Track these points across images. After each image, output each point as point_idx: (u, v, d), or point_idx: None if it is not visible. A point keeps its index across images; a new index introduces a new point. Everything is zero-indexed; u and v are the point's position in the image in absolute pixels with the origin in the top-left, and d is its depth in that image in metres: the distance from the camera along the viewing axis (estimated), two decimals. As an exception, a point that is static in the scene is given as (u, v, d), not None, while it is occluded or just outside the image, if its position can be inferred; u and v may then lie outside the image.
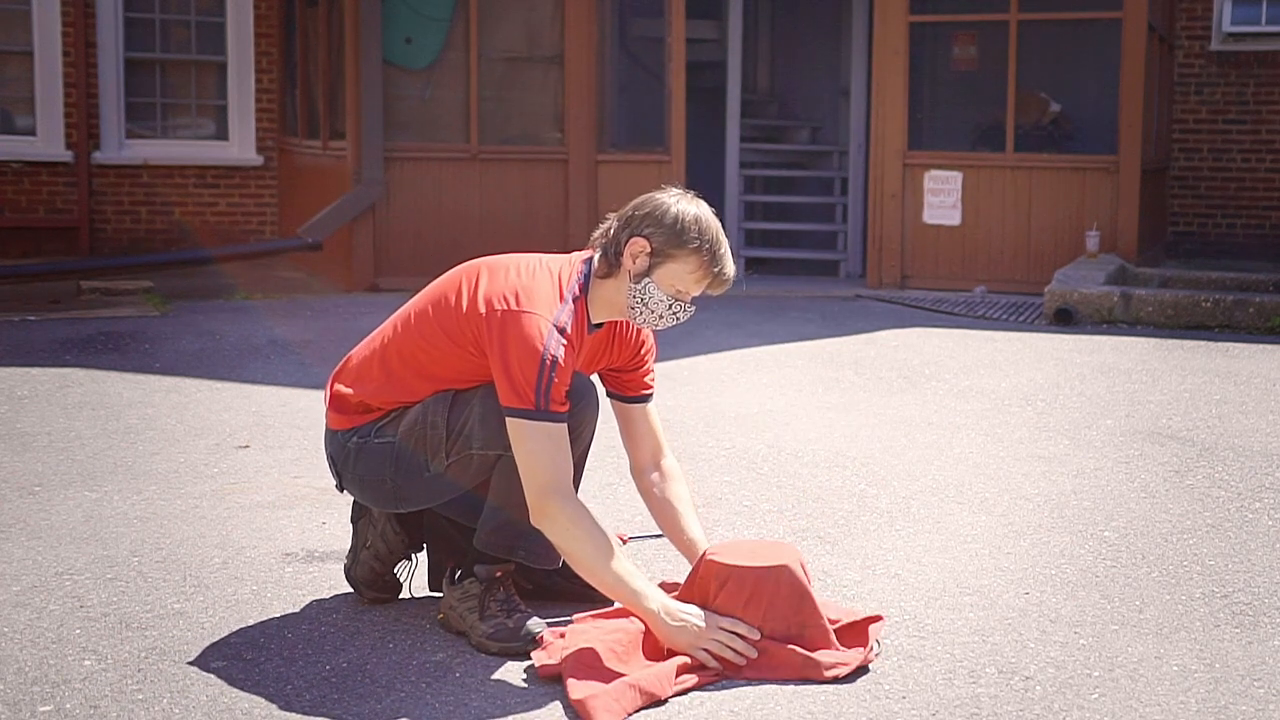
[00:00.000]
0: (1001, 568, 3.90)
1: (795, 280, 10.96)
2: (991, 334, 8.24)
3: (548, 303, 3.13)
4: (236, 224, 11.88)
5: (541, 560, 3.28)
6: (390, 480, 3.31)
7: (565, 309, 3.15)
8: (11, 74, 11.41)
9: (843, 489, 4.73)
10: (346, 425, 3.37)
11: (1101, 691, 3.04)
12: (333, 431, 3.41)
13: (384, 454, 3.30)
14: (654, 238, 3.17)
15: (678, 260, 3.17)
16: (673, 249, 3.17)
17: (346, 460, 3.37)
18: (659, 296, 3.20)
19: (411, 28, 10.15)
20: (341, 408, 3.39)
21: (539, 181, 10.27)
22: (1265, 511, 4.51)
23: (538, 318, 3.09)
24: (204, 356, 7.12)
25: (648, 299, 3.20)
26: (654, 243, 3.17)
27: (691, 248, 3.17)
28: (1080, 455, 5.24)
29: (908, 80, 10.40)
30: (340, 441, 3.38)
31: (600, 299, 3.25)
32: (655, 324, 3.28)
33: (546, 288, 3.16)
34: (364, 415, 3.35)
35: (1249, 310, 8.52)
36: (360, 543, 3.55)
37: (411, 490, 3.32)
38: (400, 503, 3.37)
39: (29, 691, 2.97)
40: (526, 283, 3.16)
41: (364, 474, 3.35)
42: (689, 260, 3.18)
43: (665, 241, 3.17)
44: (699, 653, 3.07)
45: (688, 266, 3.18)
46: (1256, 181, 11.95)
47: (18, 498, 4.50)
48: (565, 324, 3.12)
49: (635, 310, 3.24)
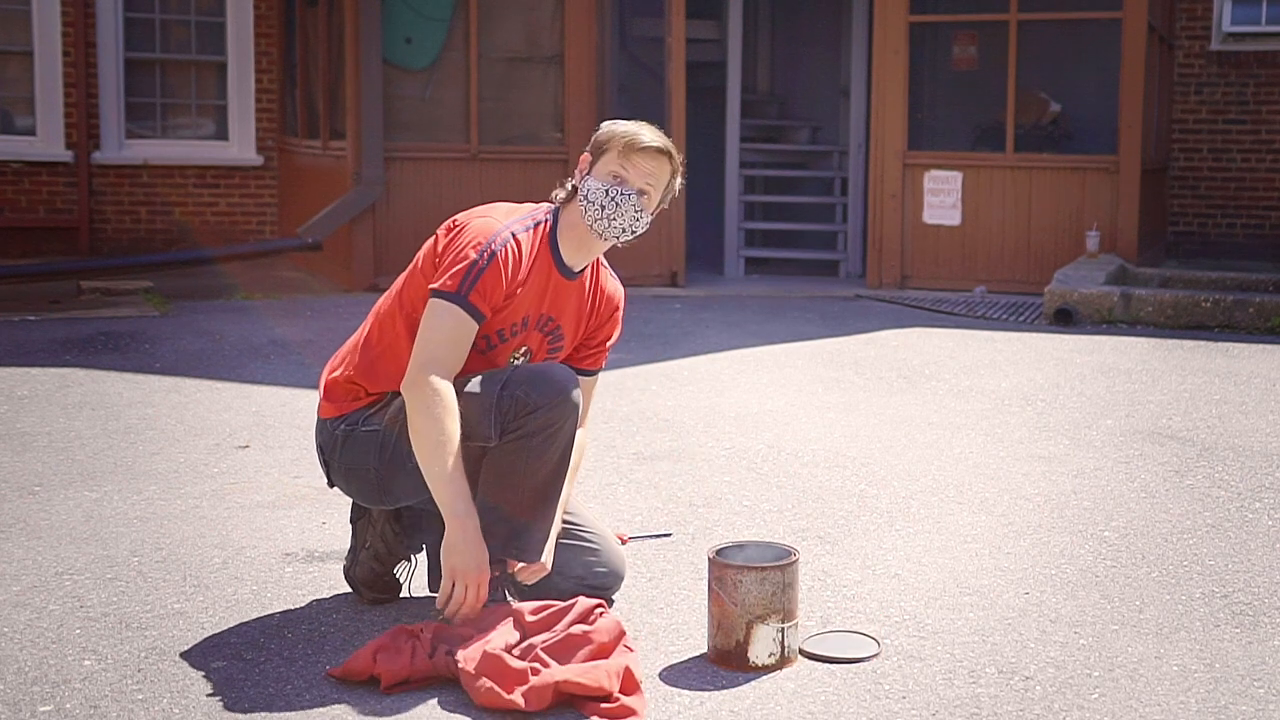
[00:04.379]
0: (1001, 568, 3.90)
1: (795, 280, 10.96)
2: (991, 334, 8.24)
3: (503, 215, 3.38)
4: (236, 224, 11.88)
5: (532, 555, 3.30)
6: (375, 470, 3.36)
7: (520, 222, 3.37)
8: (11, 74, 11.41)
9: (843, 489, 4.73)
10: (335, 413, 3.43)
11: (1101, 691, 3.04)
12: (322, 421, 3.47)
13: (370, 442, 3.35)
14: (591, 147, 3.45)
15: (606, 150, 3.40)
16: (601, 144, 3.42)
17: (334, 449, 3.42)
18: (596, 185, 3.36)
19: (411, 28, 10.15)
20: (332, 395, 3.45)
21: (539, 182, 10.24)
22: (1265, 511, 4.51)
23: (491, 220, 3.34)
24: (204, 356, 7.12)
25: (589, 192, 3.37)
26: (591, 150, 3.44)
27: (610, 133, 3.42)
28: (1080, 455, 5.24)
29: (908, 80, 10.41)
30: (329, 430, 3.44)
31: (566, 226, 3.42)
32: (600, 215, 3.36)
33: (507, 209, 3.43)
34: (354, 402, 3.41)
35: (1249, 310, 8.52)
36: (359, 543, 3.56)
37: (396, 483, 3.35)
38: (384, 495, 3.40)
39: (29, 691, 2.97)
40: (490, 209, 3.43)
41: (350, 463, 3.40)
42: (612, 145, 3.40)
43: (597, 144, 3.43)
44: (448, 581, 3.17)
45: (613, 150, 3.39)
46: (1256, 181, 11.95)
47: (18, 498, 4.50)
48: (517, 232, 3.33)
49: (584, 209, 3.37)
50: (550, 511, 3.33)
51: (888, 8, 10.32)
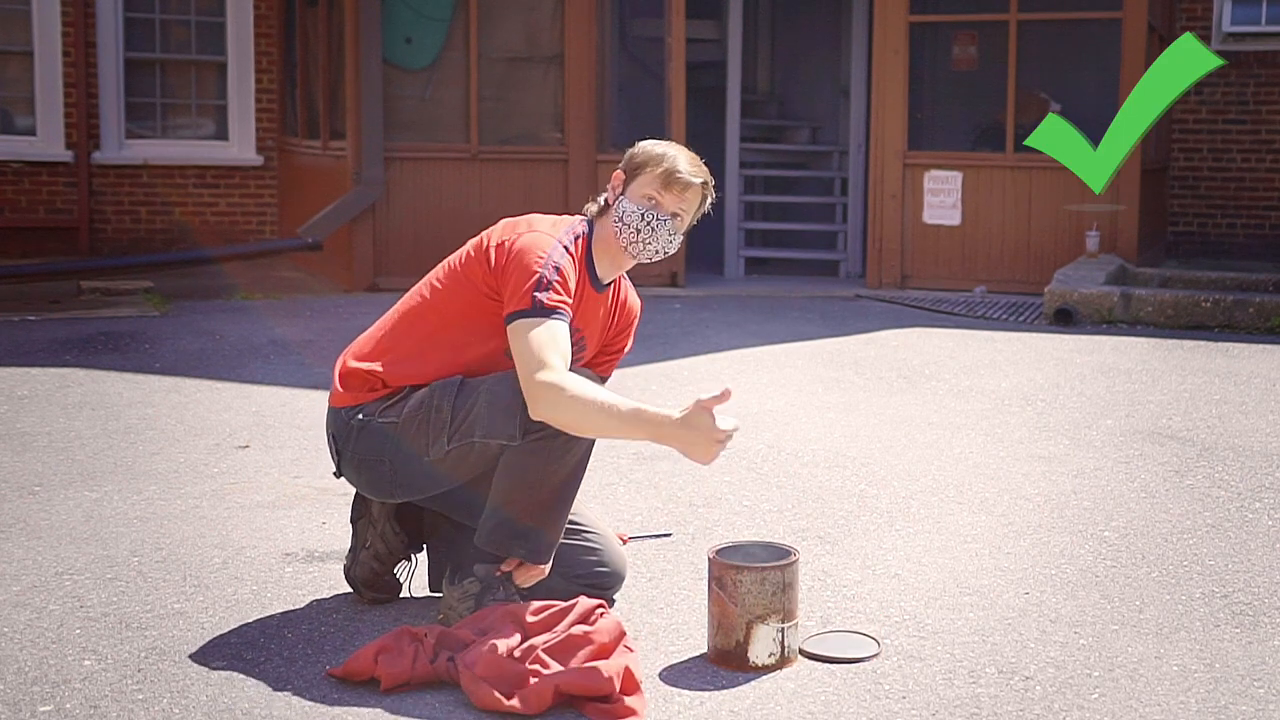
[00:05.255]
0: (1001, 568, 3.90)
1: (795, 280, 10.96)
2: (991, 334, 8.24)
3: (551, 229, 3.41)
4: (236, 224, 11.88)
5: (540, 558, 3.30)
6: (389, 463, 3.35)
7: (568, 234, 3.41)
8: (11, 74, 11.41)
9: (843, 489, 4.73)
10: (351, 402, 3.41)
11: (1101, 691, 3.04)
12: (335, 410, 3.45)
13: (386, 434, 3.33)
14: (626, 166, 3.50)
15: (642, 173, 3.45)
16: (635, 166, 3.47)
17: (348, 438, 3.40)
18: (632, 209, 3.41)
19: (411, 28, 10.15)
20: (349, 383, 3.43)
21: (539, 181, 10.27)
22: (1265, 511, 4.51)
23: (542, 235, 3.35)
24: (204, 356, 7.12)
25: (624, 214, 3.41)
26: (626, 169, 3.49)
27: (646, 157, 3.47)
28: (1080, 455, 5.24)
29: (907, 80, 10.40)
30: (344, 418, 3.41)
31: (599, 240, 3.45)
32: (635, 239, 3.41)
33: (550, 222, 3.46)
34: (371, 393, 3.39)
35: (1249, 310, 8.52)
36: (360, 543, 3.56)
37: (408, 476, 3.34)
38: (396, 489, 3.40)
39: (29, 691, 2.97)
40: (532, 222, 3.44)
41: (364, 453, 3.38)
42: (650, 169, 3.44)
43: (633, 164, 3.48)
44: (713, 449, 3.14)
45: (649, 175, 3.44)
46: (1256, 181, 11.95)
47: (18, 498, 4.50)
48: (568, 244, 3.37)
49: (618, 230, 3.42)
50: (563, 517, 3.33)
51: (888, 8, 10.32)
